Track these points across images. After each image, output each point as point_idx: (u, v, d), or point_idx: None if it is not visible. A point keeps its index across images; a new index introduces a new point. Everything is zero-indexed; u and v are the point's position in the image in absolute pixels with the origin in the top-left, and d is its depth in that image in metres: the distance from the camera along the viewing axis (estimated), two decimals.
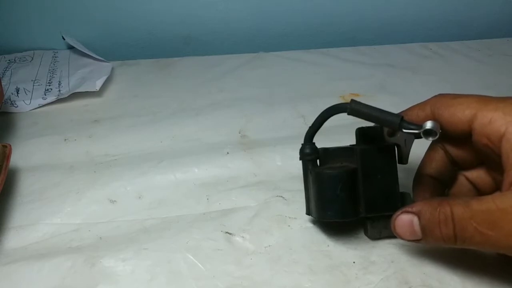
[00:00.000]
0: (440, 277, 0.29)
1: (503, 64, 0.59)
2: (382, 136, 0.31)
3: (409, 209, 0.28)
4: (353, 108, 0.29)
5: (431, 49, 0.63)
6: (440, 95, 0.29)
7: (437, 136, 0.27)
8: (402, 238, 0.28)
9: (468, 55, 0.61)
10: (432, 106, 0.29)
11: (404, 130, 0.28)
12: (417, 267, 0.29)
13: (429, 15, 0.68)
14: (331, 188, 0.29)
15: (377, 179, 0.30)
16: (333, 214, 0.30)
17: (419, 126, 0.28)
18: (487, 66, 0.58)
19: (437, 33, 0.69)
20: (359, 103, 0.29)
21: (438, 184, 0.31)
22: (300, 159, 0.32)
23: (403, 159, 0.31)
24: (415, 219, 0.27)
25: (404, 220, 0.28)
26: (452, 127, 0.28)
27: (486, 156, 0.27)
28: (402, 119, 0.28)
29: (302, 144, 0.32)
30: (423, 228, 0.27)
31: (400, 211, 0.28)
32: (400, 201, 0.30)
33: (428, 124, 0.27)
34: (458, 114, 0.27)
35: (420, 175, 0.32)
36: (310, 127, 0.32)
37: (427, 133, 0.27)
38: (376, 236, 0.31)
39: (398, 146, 0.31)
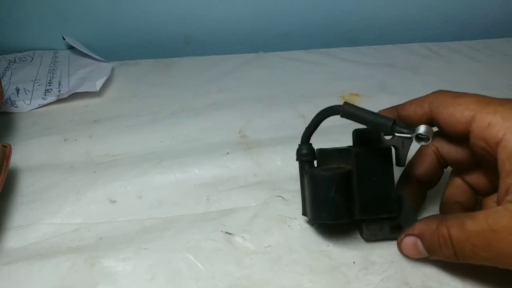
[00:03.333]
0: (440, 278, 0.29)
1: (503, 64, 0.59)
2: (379, 138, 0.31)
3: (411, 232, 0.29)
4: (346, 110, 0.29)
5: (431, 49, 0.63)
6: (440, 92, 0.29)
7: (429, 142, 0.27)
8: (410, 258, 0.30)
9: (468, 55, 0.61)
10: (431, 104, 0.29)
11: (396, 134, 0.28)
12: (417, 268, 0.29)
13: (429, 15, 0.68)
14: (325, 189, 0.29)
15: (372, 181, 0.30)
16: (327, 216, 0.30)
17: (411, 130, 0.28)
18: (487, 66, 0.58)
19: (437, 33, 0.69)
20: (352, 105, 0.29)
21: (424, 184, 0.33)
22: (297, 159, 0.32)
23: (401, 161, 0.31)
24: (419, 242, 0.28)
25: (409, 243, 0.29)
26: (450, 127, 0.28)
27: (483, 158, 0.27)
28: (394, 122, 0.28)
29: (299, 145, 0.32)
30: (427, 249, 0.28)
31: (403, 235, 0.30)
32: (396, 204, 0.30)
33: (421, 129, 0.27)
34: (457, 115, 0.27)
35: (407, 174, 0.33)
36: (306, 128, 0.32)
37: (419, 138, 0.27)
38: (372, 238, 0.31)
39: (396, 148, 0.31)
